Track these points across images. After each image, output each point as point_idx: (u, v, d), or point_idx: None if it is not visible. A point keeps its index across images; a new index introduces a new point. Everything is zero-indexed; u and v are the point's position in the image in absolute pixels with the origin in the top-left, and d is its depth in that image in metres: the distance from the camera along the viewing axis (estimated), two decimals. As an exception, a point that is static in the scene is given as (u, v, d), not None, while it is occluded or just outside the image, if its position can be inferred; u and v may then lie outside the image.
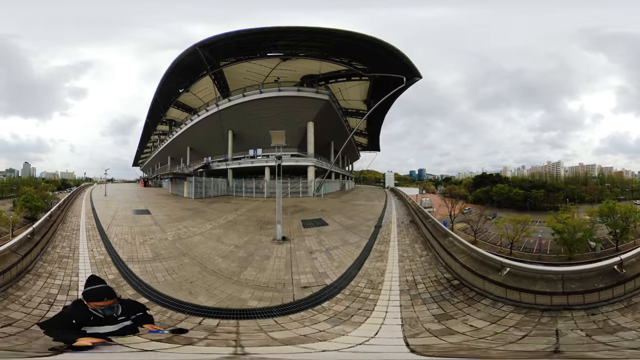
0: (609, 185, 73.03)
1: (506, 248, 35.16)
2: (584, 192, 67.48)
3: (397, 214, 19.57)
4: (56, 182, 73.42)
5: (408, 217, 18.02)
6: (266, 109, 34.73)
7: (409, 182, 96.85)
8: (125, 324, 3.94)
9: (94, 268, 7.82)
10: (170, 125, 51.48)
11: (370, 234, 13.01)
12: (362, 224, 15.54)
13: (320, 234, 13.39)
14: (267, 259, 9.83)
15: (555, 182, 79.35)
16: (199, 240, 11.70)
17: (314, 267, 9.08)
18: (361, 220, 16.79)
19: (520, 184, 68.18)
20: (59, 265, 7.91)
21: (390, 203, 25.96)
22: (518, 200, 61.72)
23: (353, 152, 54.21)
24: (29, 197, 41.86)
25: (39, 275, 7.06)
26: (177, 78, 35.88)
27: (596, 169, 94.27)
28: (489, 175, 67.41)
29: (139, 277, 7.49)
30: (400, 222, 16.32)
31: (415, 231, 13.70)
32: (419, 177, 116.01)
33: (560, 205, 55.46)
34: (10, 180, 79.10)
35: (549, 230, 35.75)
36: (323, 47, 29.15)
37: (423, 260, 9.68)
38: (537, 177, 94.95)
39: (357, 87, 39.63)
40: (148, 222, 15.18)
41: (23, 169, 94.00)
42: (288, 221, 15.76)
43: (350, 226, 14.87)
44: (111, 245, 10.04)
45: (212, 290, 7.19)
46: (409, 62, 30.56)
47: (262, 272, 8.60)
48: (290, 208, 21.07)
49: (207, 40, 28.06)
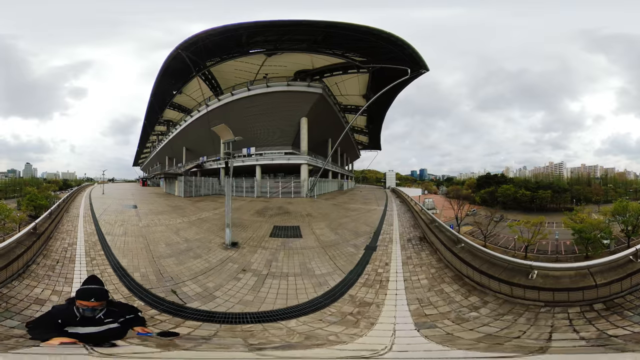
0: (611, 186, 70.65)
1: (520, 252, 33.79)
2: (589, 192, 64.69)
3: (399, 225, 15.51)
4: (57, 183, 73.07)
5: (416, 230, 14.09)
6: (256, 106, 33.63)
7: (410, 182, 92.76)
8: (110, 326, 3.67)
9: (86, 237, 11.20)
10: (168, 126, 52.59)
11: (356, 263, 9.26)
12: (348, 240, 12.09)
13: (283, 248, 10.93)
14: (197, 258, 9.47)
15: (559, 182, 76.09)
16: (162, 229, 13.42)
17: (227, 286, 7.55)
18: (349, 234, 13.27)
19: (525, 185, 64.55)
20: (67, 234, 11.69)
21: (391, 207, 22.44)
22: (525, 201, 58.68)
23: (353, 150, 50.57)
24: (33, 197, 43.59)
25: (56, 239, 10.76)
26: (170, 80, 36.14)
27: (598, 170, 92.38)
28: (493, 176, 63.52)
29: (108, 243, 10.67)
30: (405, 238, 12.48)
31: (434, 259, 9.42)
32: (420, 177, 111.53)
33: (571, 206, 54.24)
34: (12, 180, 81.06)
35: (564, 231, 35.66)
36: (308, 40, 28.10)
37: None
38: (539, 177, 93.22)
39: (356, 80, 36.83)
40: (132, 214, 17.72)
41: (25, 169, 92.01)
42: (259, 225, 14.77)
43: (330, 244, 11.54)
44: (98, 226, 13.36)
45: (136, 259, 9.25)
46: (413, 51, 27.44)
47: (178, 265, 8.69)
48: (273, 210, 20.10)
49: (186, 42, 28.24)
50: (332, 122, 37.15)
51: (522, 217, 44.56)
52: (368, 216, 17.98)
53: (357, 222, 15.98)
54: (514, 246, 35.71)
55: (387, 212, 18.75)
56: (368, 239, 11.92)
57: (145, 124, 52.33)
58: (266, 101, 32.30)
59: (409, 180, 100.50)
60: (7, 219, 30.90)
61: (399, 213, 18.40)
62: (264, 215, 17.44)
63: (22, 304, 5.92)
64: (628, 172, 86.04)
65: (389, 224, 15.34)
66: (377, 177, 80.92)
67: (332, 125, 37.24)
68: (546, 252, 35.12)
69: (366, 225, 14.96)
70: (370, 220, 16.37)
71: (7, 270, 6.57)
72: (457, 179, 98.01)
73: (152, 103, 42.30)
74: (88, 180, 76.42)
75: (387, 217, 17.20)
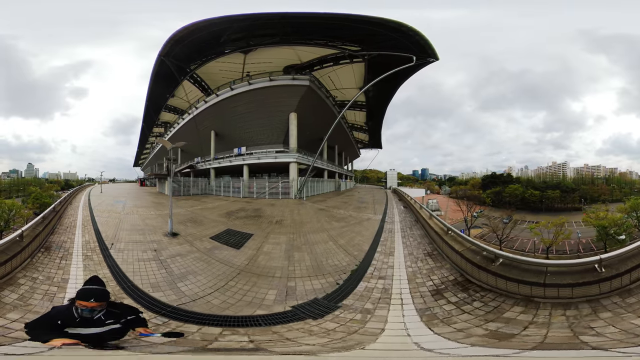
0: (614, 186, 65.92)
1: (539, 254, 31.71)
2: (595, 192, 59.94)
3: (406, 255, 9.19)
4: (59, 183, 70.34)
5: (436, 264, 8.05)
6: (241, 105, 31.79)
7: (412, 181, 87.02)
8: (112, 327, 3.61)
9: (82, 217, 15.63)
10: (165, 127, 51.65)
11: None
12: (296, 276, 8.31)
13: (206, 252, 10.40)
14: (141, 235, 12.50)
15: (563, 182, 70.08)
16: (134, 217, 16.91)
17: (139, 255, 9.92)
18: (309, 262, 9.18)
19: (533, 185, 59.93)
20: (71, 214, 16.30)
21: (392, 215, 17.05)
22: (533, 201, 53.12)
23: (352, 149, 45.85)
24: (38, 195, 46.10)
25: (66, 216, 15.55)
26: (161, 85, 34.82)
27: (601, 170, 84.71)
28: (499, 176, 58.03)
29: (95, 219, 15.33)
30: (419, 295, 6.76)
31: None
32: (422, 177, 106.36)
33: (580, 205, 51.83)
34: (15, 180, 79.93)
35: (585, 230, 36.07)
36: (277, 34, 25.37)
37: None
38: (542, 177, 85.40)
39: (350, 72, 32.32)
40: (119, 206, 21.35)
41: (27, 169, 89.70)
42: (214, 225, 14.63)
43: (262, 272, 8.78)
44: (92, 211, 17.74)
45: (108, 229, 13.27)
46: (422, 38, 22.93)
47: (128, 236, 12.31)
48: (247, 212, 19.06)
49: (164, 49, 26.83)
50: (326, 117, 33.36)
51: (531, 217, 43.24)
52: (356, 232, 12.05)
53: (336, 241, 10.10)
54: (533, 248, 34.03)
55: (385, 225, 12.58)
56: (335, 285, 5.89)
57: (144, 126, 53.09)
58: (251, 99, 30.85)
59: (411, 180, 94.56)
60: (17, 215, 34.40)
61: (402, 227, 12.16)
62: (230, 217, 17.64)
63: (60, 239, 11.28)
64: (630, 172, 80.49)
65: (387, 251, 9.11)
66: (378, 177, 75.10)
67: (328, 121, 31.95)
68: (564, 252, 33.43)
69: (347, 250, 9.18)
70: (356, 241, 10.45)
71: (46, 228, 11.30)
72: (459, 178, 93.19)
73: (148, 107, 42.56)
74: (89, 180, 72.73)
75: (385, 234, 10.95)
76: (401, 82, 35.44)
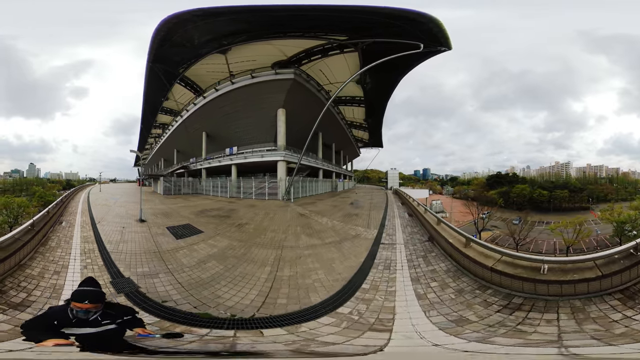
0: (617, 186, 62.12)
1: (559, 254, 29.52)
2: (602, 191, 55.78)
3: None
4: (61, 182, 67.55)
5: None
6: (228, 105, 29.52)
7: (413, 181, 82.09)
8: (108, 327, 3.44)
9: (83, 209, 18.99)
10: (163, 129, 50.13)
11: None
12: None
13: (151, 235, 12.92)
14: (121, 219, 16.08)
15: (570, 182, 63.48)
16: (121, 209, 20.17)
17: (109, 232, 13.50)
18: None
19: (540, 184, 54.83)
20: (74, 206, 20.30)
21: (392, 227, 12.29)
22: (541, 201, 48.98)
23: (352, 147, 42.89)
24: (42, 194, 47.07)
25: (70, 207, 19.85)
26: (155, 88, 32.23)
27: (604, 170, 78.34)
28: (504, 175, 53.74)
29: (91, 209, 19.13)
30: None
31: None
32: (424, 177, 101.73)
33: (587, 205, 48.49)
34: (19, 180, 77.56)
35: (602, 227, 35.65)
36: (247, 30, 22.16)
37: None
38: (545, 177, 77.30)
39: (343, 63, 27.27)
40: (112, 201, 25.28)
41: (28, 169, 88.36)
42: (180, 219, 16.20)
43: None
44: (90, 205, 21.28)
45: (98, 214, 17.53)
46: (435, 25, 17.77)
47: (112, 218, 16.46)
48: (219, 211, 18.73)
49: (149, 55, 25.31)
50: (319, 113, 27.35)
51: (540, 217, 41.21)
52: (324, 262, 7.27)
53: (277, 276, 6.44)
54: (554, 249, 32.17)
55: (379, 251, 7.90)
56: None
57: (142, 127, 52.04)
58: (237, 98, 28.94)
59: (413, 179, 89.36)
60: (25, 212, 34.73)
61: (410, 255, 7.32)
62: (200, 214, 18.35)
63: (67, 219, 16.14)
64: (632, 172, 75.23)
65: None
66: (379, 177, 70.21)
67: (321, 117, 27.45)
68: (580, 251, 31.87)
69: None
70: (310, 290, 5.71)
71: (55, 216, 15.91)
72: (461, 178, 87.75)
73: (145, 110, 41.87)
74: (90, 180, 70.01)
75: (376, 274, 6.16)
76: (402, 74, 31.28)
